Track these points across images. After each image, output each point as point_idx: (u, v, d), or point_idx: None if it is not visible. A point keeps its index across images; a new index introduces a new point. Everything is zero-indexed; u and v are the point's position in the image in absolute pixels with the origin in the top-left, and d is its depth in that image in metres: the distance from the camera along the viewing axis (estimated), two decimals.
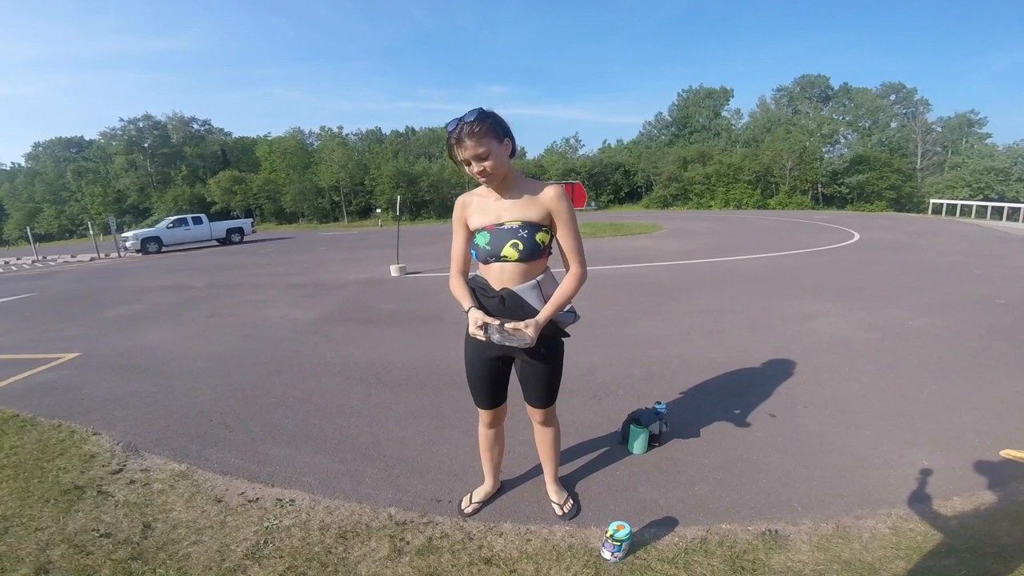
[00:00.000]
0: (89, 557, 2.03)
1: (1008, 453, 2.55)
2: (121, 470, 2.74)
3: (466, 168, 1.71)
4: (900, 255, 10.25)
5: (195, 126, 49.28)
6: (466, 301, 1.83)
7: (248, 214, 37.98)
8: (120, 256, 17.62)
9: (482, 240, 1.80)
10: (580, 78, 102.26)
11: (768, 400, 3.34)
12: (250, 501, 2.41)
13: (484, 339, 1.71)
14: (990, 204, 22.01)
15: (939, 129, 41.03)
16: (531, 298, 1.80)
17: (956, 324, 4.98)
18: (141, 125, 46.01)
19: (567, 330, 1.93)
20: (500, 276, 1.81)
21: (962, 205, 23.69)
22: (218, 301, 7.88)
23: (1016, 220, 19.32)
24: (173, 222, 20.11)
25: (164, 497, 2.47)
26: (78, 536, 2.17)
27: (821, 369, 3.86)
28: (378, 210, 31.95)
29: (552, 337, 1.91)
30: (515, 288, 1.79)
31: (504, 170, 1.73)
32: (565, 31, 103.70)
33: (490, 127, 1.65)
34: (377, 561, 1.96)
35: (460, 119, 1.66)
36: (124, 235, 19.02)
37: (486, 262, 1.82)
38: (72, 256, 18.04)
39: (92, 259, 17.01)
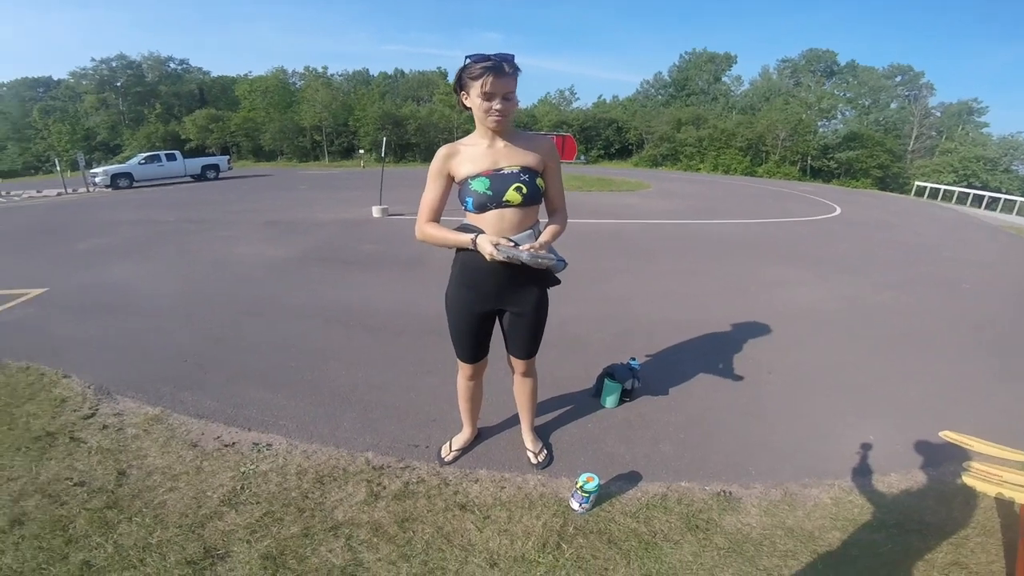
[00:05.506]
0: (64, 507, 1.98)
1: (947, 435, 2.70)
2: (93, 415, 2.68)
3: (482, 101, 1.65)
4: (877, 232, 10.42)
5: (172, 65, 47.04)
6: (464, 234, 1.76)
7: (224, 152, 36.53)
8: (89, 191, 16.85)
9: (480, 186, 1.73)
10: (581, 31, 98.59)
11: (735, 364, 3.47)
12: (226, 446, 2.42)
13: (503, 260, 1.67)
14: (972, 191, 22.12)
15: (938, 114, 40.71)
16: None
17: (920, 303, 5.16)
18: (114, 65, 43.69)
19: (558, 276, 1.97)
20: (499, 224, 1.76)
21: (944, 190, 23.81)
22: (191, 237, 7.70)
23: (994, 209, 19.50)
24: (145, 158, 19.35)
25: (138, 443, 2.44)
26: (51, 485, 2.11)
27: (788, 337, 4.00)
28: (361, 151, 31.03)
29: (543, 288, 1.98)
30: (514, 237, 1.75)
31: (512, 117, 1.74)
32: None
33: (517, 75, 1.68)
34: (354, 506, 2.03)
35: (496, 55, 1.63)
36: (93, 171, 18.20)
37: (484, 209, 1.75)
38: (38, 191, 17.02)
39: (59, 194, 16.16)
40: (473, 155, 1.78)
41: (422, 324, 3.98)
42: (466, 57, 1.65)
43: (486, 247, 1.68)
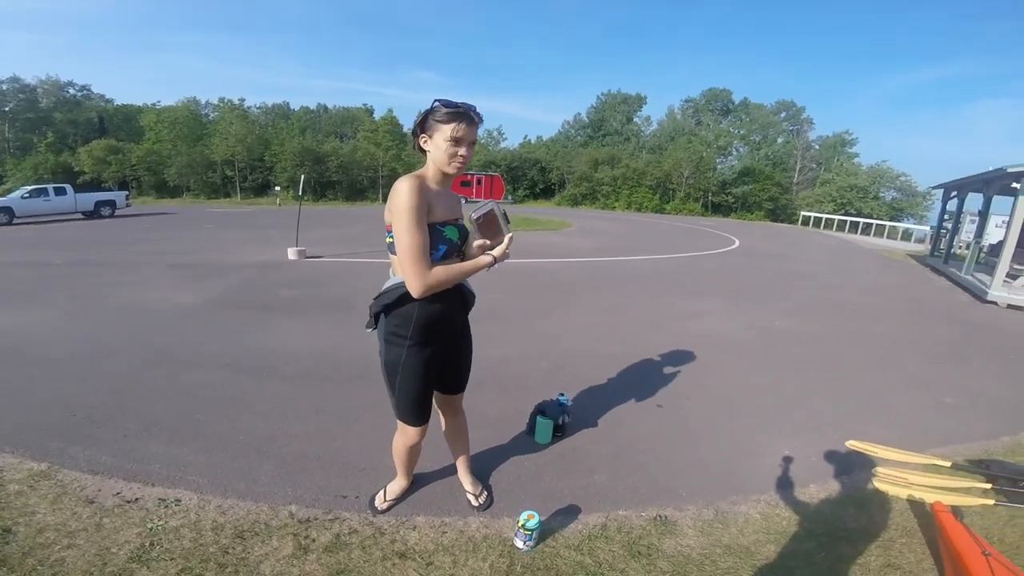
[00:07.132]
0: None
1: (853, 444, 2.99)
2: None
3: (450, 146, 1.63)
4: (773, 262, 11.58)
5: (71, 91, 43.46)
6: (476, 262, 1.74)
7: (123, 186, 33.63)
8: None
9: (453, 235, 1.73)
10: (511, 73, 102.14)
11: (657, 392, 3.64)
12: (128, 502, 2.18)
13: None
14: (849, 219, 25.62)
15: (817, 147, 45.73)
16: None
17: (816, 327, 5.73)
18: (4, 88, 39.70)
19: None
20: None
21: (826, 219, 27.21)
22: (85, 280, 6.94)
23: (868, 235, 22.70)
24: (30, 192, 17.28)
25: (23, 499, 2.18)
26: None
27: (703, 364, 4.27)
28: (277, 188, 29.71)
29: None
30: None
31: None
32: (502, 24, 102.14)
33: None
34: (281, 560, 1.88)
35: (462, 103, 1.66)
36: None
37: (447, 259, 1.73)
38: None
39: None
40: (440, 199, 1.72)
41: (347, 370, 3.81)
42: (435, 100, 1.65)
43: (502, 249, 1.77)
